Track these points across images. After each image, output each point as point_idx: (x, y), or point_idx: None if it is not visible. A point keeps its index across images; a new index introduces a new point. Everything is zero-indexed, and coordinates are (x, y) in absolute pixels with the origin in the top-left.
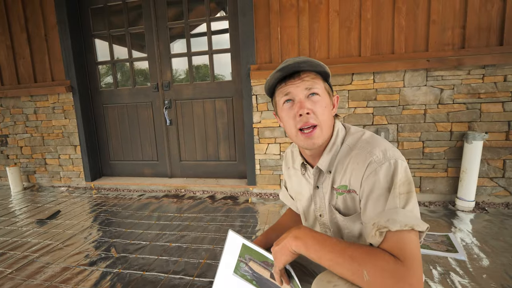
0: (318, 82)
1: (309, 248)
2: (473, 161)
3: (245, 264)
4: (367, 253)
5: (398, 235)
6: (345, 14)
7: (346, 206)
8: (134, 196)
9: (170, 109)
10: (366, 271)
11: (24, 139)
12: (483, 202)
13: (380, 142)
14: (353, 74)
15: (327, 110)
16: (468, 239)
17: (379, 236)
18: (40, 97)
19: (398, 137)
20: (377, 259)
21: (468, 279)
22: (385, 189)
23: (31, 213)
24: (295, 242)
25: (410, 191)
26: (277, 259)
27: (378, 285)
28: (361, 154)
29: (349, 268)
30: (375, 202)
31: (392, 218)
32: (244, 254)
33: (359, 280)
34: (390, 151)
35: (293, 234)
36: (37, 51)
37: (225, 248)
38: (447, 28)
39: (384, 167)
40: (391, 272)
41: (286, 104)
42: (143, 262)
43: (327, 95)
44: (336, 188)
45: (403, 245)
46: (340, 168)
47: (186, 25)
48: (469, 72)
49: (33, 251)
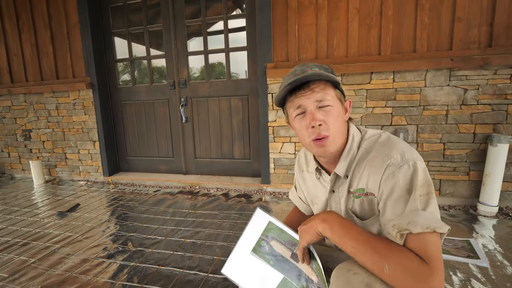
0: (328, 92)
1: (335, 232)
2: (497, 164)
3: (266, 243)
4: (392, 248)
5: (420, 237)
6: (365, 11)
7: (363, 209)
8: (149, 191)
9: (186, 106)
10: (387, 265)
11: (46, 134)
12: (507, 208)
13: (397, 144)
14: (372, 73)
15: (339, 118)
16: (491, 246)
17: (400, 238)
18: (62, 93)
19: (417, 138)
20: (401, 256)
21: (490, 286)
22: (404, 191)
23: (52, 205)
24: (322, 225)
25: (430, 192)
26: (302, 237)
27: (397, 280)
28: (379, 157)
29: (370, 259)
30: (395, 204)
31: (413, 221)
32: (267, 233)
33: (378, 271)
34: (408, 153)
35: (321, 216)
36: (60, 49)
37: (249, 224)
38: (473, 26)
39: (402, 170)
40: (413, 272)
41: (298, 116)
42: (158, 256)
43: (339, 103)
44: (353, 192)
45: (426, 246)
46: (357, 172)
47: (203, 23)
48: (495, 72)
49: (54, 242)
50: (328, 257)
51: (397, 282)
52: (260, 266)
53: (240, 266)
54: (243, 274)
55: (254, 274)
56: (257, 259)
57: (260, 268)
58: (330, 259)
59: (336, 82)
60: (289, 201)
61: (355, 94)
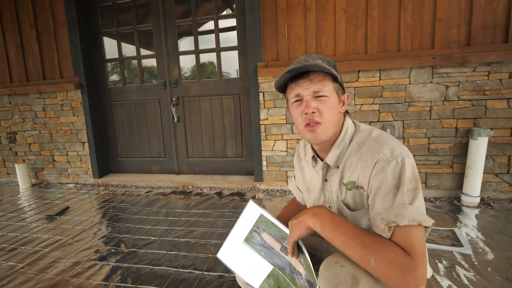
0: (326, 84)
1: (325, 226)
2: (478, 157)
3: (258, 234)
4: (378, 242)
5: (406, 230)
6: (351, 12)
7: (355, 201)
8: (141, 192)
9: (178, 106)
10: (373, 258)
11: (33, 136)
12: (488, 198)
13: (388, 140)
14: (360, 71)
15: (333, 109)
16: (473, 234)
17: (387, 231)
18: (49, 94)
19: (404, 134)
20: (387, 250)
21: (473, 272)
22: (393, 186)
23: (40, 209)
24: (312, 219)
25: (416, 187)
26: (293, 231)
27: (382, 273)
28: (370, 152)
29: (358, 253)
30: (383, 198)
31: (400, 214)
32: (259, 224)
33: (364, 264)
34: (398, 149)
35: (311, 211)
36: (46, 49)
37: (242, 215)
38: (453, 26)
39: (391, 165)
40: (397, 264)
41: (295, 103)
42: (152, 257)
43: (335, 95)
44: (345, 184)
45: (411, 240)
46: (349, 164)
47: (194, 23)
48: (474, 69)
49: (44, 246)
50: (321, 248)
51: (382, 274)
52: (251, 255)
53: (233, 253)
54: (236, 260)
55: (246, 262)
56: (249, 248)
57: (251, 257)
58: (324, 250)
59: (334, 75)
60: (282, 198)
61: None
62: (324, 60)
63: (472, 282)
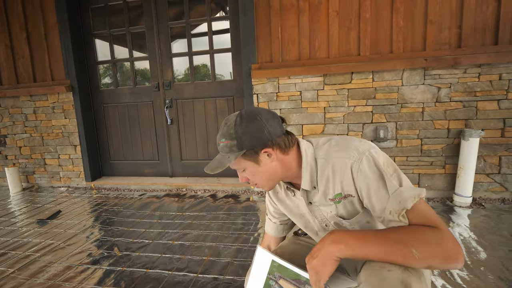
0: (239, 163)
1: (353, 248)
2: (470, 158)
3: (275, 282)
4: (407, 232)
5: (415, 209)
6: (344, 14)
7: (347, 210)
8: (135, 195)
9: (171, 108)
10: (414, 250)
11: (23, 139)
12: (480, 198)
13: (348, 143)
14: (353, 73)
15: (257, 173)
16: (466, 234)
17: (404, 219)
18: (40, 96)
19: (397, 135)
20: (418, 234)
21: (466, 271)
22: (377, 179)
23: (31, 213)
24: (337, 247)
25: (395, 168)
26: (320, 272)
27: (429, 257)
28: (340, 161)
29: (399, 253)
30: (377, 193)
31: (402, 199)
32: (273, 271)
33: (411, 260)
34: (361, 146)
35: (330, 239)
36: (37, 51)
37: (253, 264)
38: (444, 28)
39: (364, 162)
40: (434, 241)
41: None
42: (146, 260)
43: (250, 163)
44: (332, 199)
45: (424, 215)
46: (325, 181)
47: (187, 25)
48: (465, 71)
49: (35, 250)
50: None
51: (429, 258)
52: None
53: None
54: None
55: None
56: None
57: None
58: None
59: (241, 147)
60: None
61: (337, 93)
62: (226, 136)
63: (465, 281)
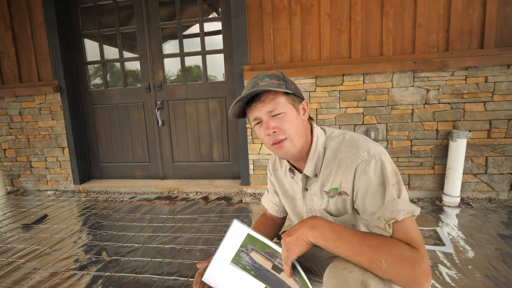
0: (278, 101)
1: (327, 238)
2: (457, 158)
3: (246, 254)
4: (385, 242)
5: (403, 224)
6: (335, 17)
7: (337, 208)
8: (125, 198)
9: (162, 109)
10: (384, 260)
11: (8, 141)
12: (467, 198)
13: (362, 142)
14: (344, 75)
15: (294, 121)
16: (454, 233)
17: (388, 228)
18: (26, 97)
19: (387, 136)
20: (395, 248)
21: (455, 270)
22: (378, 184)
23: (15, 218)
24: (312, 232)
25: (399, 180)
26: (291, 250)
27: (395, 272)
28: (348, 157)
29: (368, 257)
30: (373, 197)
31: (395, 209)
32: (247, 244)
33: (376, 268)
34: (373, 149)
35: (308, 224)
36: (23, 50)
37: (227, 236)
38: (432, 32)
39: (371, 165)
40: (407, 260)
41: (257, 125)
42: (135, 264)
43: (291, 107)
44: (327, 192)
45: (411, 233)
46: (328, 172)
47: (179, 25)
48: (453, 73)
49: (19, 256)
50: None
51: (395, 273)
52: (241, 276)
53: (220, 275)
54: (224, 283)
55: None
56: (238, 269)
57: (241, 278)
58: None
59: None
60: None
61: (328, 95)
62: (272, 77)
63: (454, 280)
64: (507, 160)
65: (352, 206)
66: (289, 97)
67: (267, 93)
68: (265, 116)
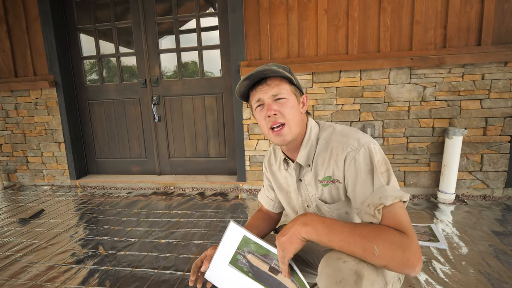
0: (283, 87)
1: (320, 232)
2: (453, 155)
3: (243, 257)
4: (375, 230)
5: (392, 210)
6: (333, 13)
7: (331, 195)
8: (121, 194)
9: (159, 105)
10: (376, 247)
11: (4, 136)
12: (462, 195)
13: (352, 132)
14: (341, 71)
15: (294, 109)
16: (449, 230)
17: (378, 214)
18: (22, 92)
19: (383, 133)
20: (385, 234)
21: (448, 266)
22: (367, 172)
23: (12, 212)
24: (304, 229)
25: (388, 168)
26: (286, 249)
27: (387, 258)
28: (339, 146)
29: (360, 246)
30: (363, 185)
31: (383, 195)
32: (243, 246)
33: (370, 256)
34: (363, 138)
35: (301, 221)
36: (18, 45)
37: (224, 237)
38: (430, 28)
39: (361, 153)
40: (398, 245)
41: (258, 108)
42: (132, 259)
43: (293, 96)
44: (321, 180)
45: (399, 218)
46: (321, 161)
47: (175, 21)
48: (450, 70)
49: (16, 250)
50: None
51: (388, 259)
52: (240, 278)
53: (221, 275)
54: (225, 282)
55: (235, 284)
56: (236, 271)
57: (239, 280)
58: (308, 250)
59: (290, 79)
60: None
61: (325, 91)
62: (279, 67)
63: (447, 275)
64: (502, 157)
65: (345, 194)
66: (292, 87)
67: (273, 78)
68: (269, 99)
